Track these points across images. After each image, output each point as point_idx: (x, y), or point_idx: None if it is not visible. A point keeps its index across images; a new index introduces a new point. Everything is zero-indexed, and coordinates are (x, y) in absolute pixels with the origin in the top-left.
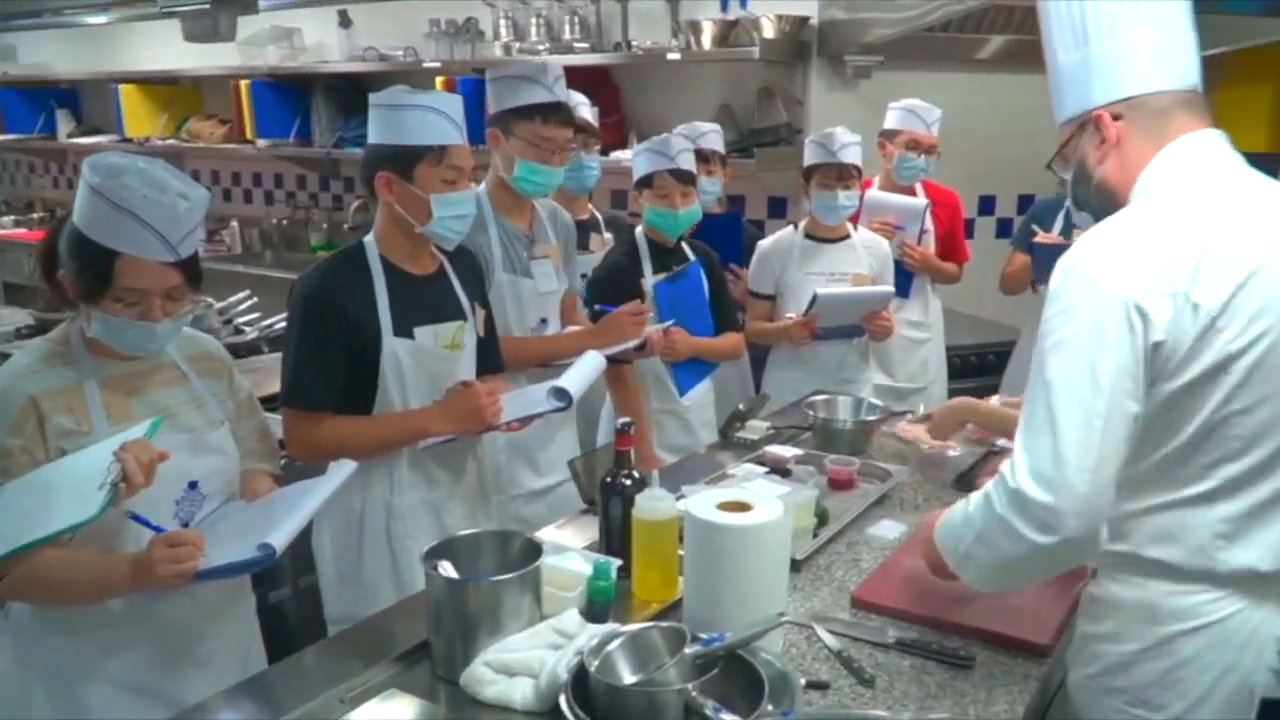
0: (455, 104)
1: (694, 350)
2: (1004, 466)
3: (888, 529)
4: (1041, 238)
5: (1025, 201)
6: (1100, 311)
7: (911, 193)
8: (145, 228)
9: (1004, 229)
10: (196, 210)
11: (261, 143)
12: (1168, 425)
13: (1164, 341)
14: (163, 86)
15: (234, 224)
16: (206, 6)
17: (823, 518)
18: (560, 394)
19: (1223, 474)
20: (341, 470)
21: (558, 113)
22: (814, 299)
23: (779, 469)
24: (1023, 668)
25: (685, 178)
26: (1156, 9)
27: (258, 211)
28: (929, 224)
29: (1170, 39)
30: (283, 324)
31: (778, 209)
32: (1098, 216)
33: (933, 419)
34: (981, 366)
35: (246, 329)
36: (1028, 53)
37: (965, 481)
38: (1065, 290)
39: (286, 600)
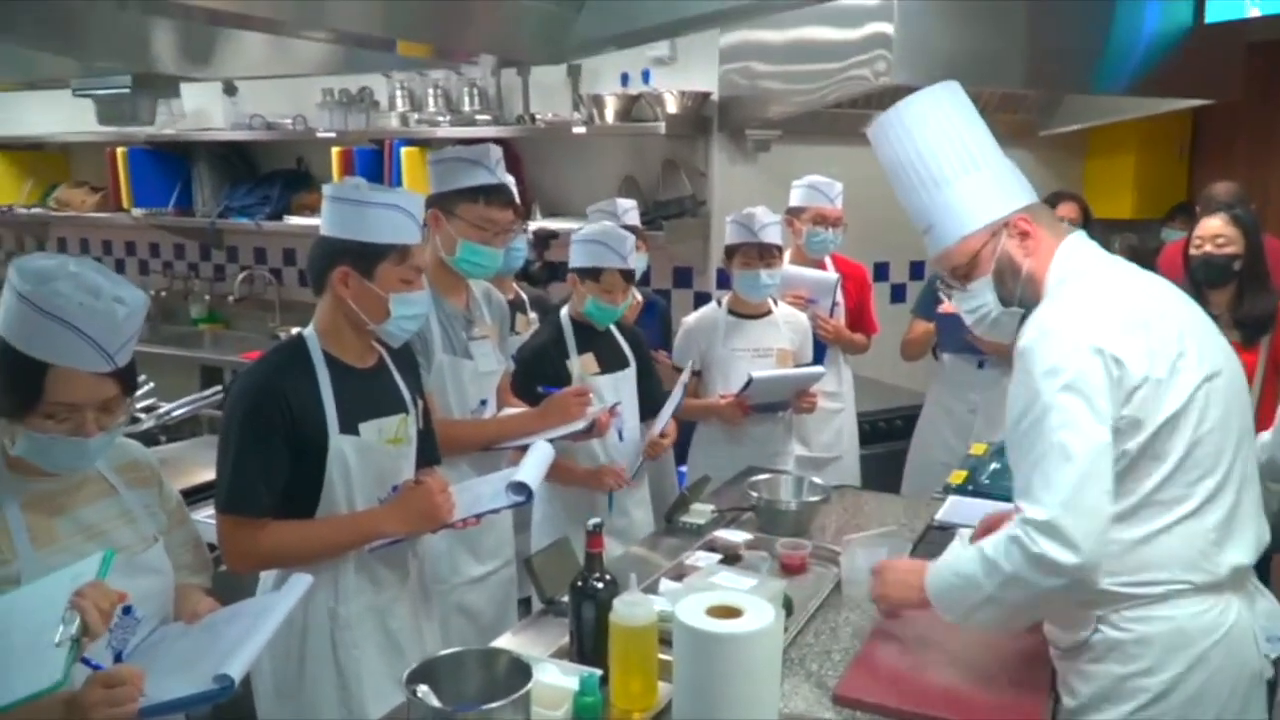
0: (418, 203)
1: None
2: (1027, 510)
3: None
4: (946, 308)
5: (917, 267)
6: (1085, 360)
7: (822, 266)
8: (80, 337)
9: (898, 294)
10: (136, 316)
11: (138, 211)
12: (1156, 456)
13: (1140, 385)
14: (26, 152)
15: None
16: (126, 91)
17: (789, 608)
18: (519, 488)
19: (1204, 489)
20: (297, 586)
21: (501, 195)
22: (749, 381)
23: (730, 555)
24: None
25: (630, 275)
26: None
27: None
28: (839, 297)
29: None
30: (181, 409)
31: (684, 279)
32: (1026, 304)
33: None
34: (890, 431)
35: (142, 416)
36: None
37: None
38: (1051, 349)
39: (209, 717)
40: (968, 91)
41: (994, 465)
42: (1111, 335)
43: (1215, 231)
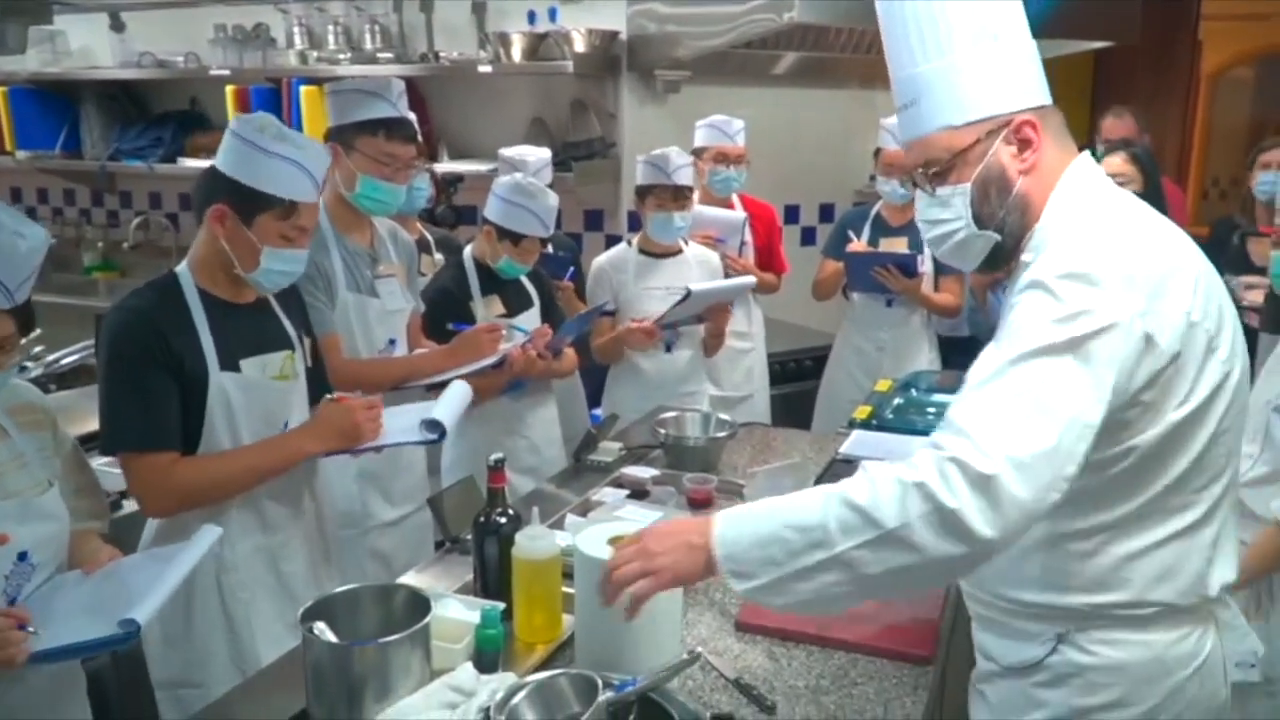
0: (321, 159)
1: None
2: (962, 451)
3: None
4: (854, 247)
5: (826, 210)
6: (1108, 325)
7: (730, 206)
8: None
9: (808, 236)
10: (37, 252)
11: (22, 154)
12: (1172, 453)
13: (1170, 365)
14: None
15: None
16: None
17: None
18: (433, 426)
19: (1210, 496)
20: (206, 537)
21: (402, 129)
22: (687, 294)
23: (638, 491)
24: (910, 677)
25: (545, 240)
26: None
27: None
28: (748, 236)
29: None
30: (70, 357)
31: (594, 222)
32: (1008, 234)
33: None
34: (800, 371)
35: (30, 365)
36: (817, 69)
37: None
38: (1071, 295)
39: (106, 666)
40: (872, 31)
41: (898, 400)
42: (1145, 297)
43: (1115, 170)
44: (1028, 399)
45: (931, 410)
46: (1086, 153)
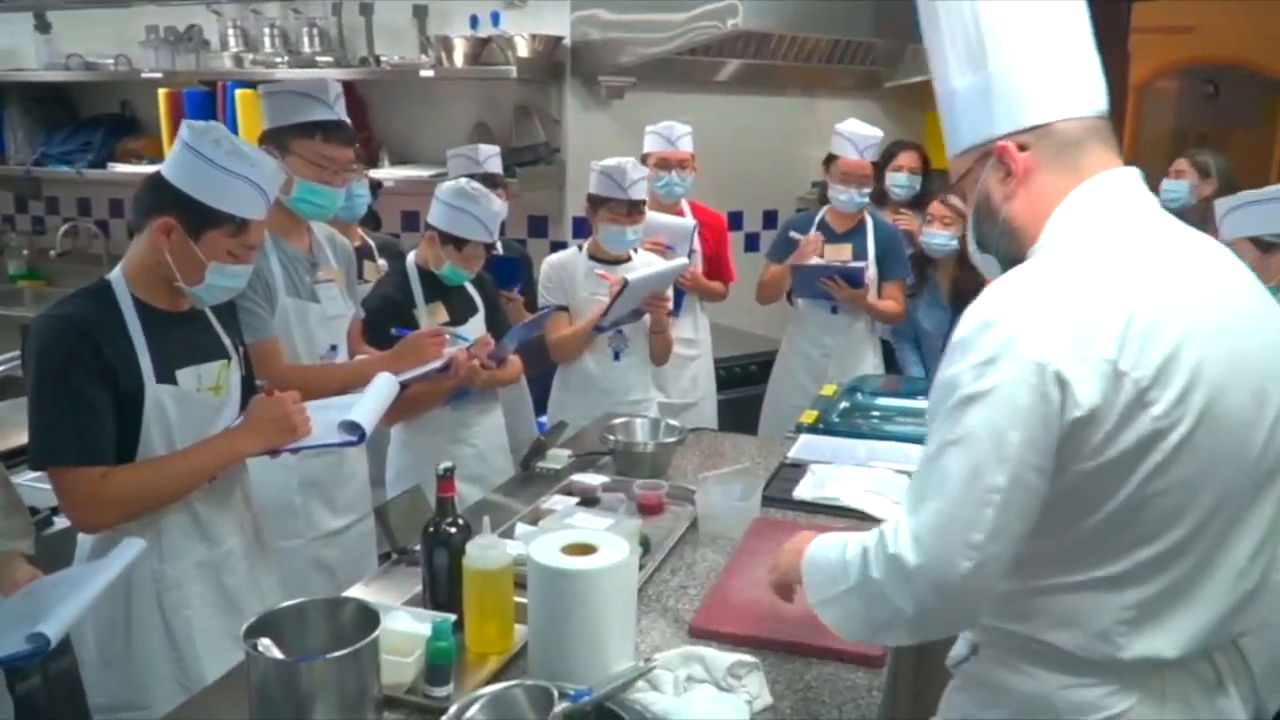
0: (275, 177)
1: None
2: (886, 526)
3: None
4: (808, 239)
5: (770, 216)
6: (1017, 374)
7: (679, 213)
8: None
9: (752, 243)
10: None
11: None
12: (1084, 503)
13: (1085, 416)
14: None
15: None
16: None
17: (646, 546)
18: (352, 428)
19: (1137, 557)
20: (128, 550)
21: (340, 131)
22: (625, 284)
23: (588, 498)
24: (864, 679)
25: (489, 246)
26: (1059, 23)
27: None
28: (697, 244)
29: (1079, 57)
30: None
31: (539, 229)
32: (1004, 259)
33: None
34: (746, 377)
35: None
36: (760, 76)
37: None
38: (979, 345)
39: (38, 691)
40: (814, 39)
41: (843, 404)
42: (1064, 342)
43: None
44: (933, 473)
45: (877, 414)
46: (1117, 174)
